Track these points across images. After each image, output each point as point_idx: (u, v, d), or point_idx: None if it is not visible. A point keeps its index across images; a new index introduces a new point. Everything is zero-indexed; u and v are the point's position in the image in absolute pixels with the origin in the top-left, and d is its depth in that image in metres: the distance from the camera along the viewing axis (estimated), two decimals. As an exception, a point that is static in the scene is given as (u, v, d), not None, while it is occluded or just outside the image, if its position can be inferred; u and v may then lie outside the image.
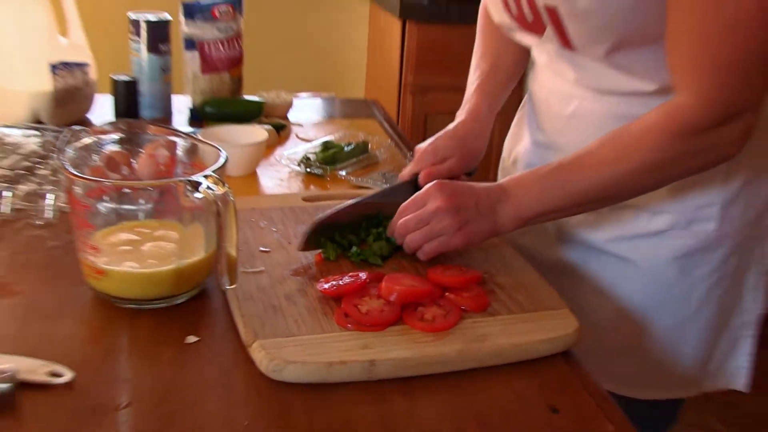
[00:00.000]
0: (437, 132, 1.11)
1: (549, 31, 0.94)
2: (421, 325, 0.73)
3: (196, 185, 0.71)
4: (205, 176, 0.72)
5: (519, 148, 1.19)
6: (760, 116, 0.91)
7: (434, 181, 0.91)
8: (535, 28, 0.96)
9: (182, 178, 0.73)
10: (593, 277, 1.08)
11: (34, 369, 0.64)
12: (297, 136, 1.43)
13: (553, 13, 0.90)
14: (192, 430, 0.60)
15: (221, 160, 0.77)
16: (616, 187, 0.90)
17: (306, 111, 1.61)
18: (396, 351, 0.69)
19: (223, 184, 0.72)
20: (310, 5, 2.84)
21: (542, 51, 1.06)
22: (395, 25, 2.29)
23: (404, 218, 0.89)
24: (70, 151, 0.79)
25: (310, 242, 0.87)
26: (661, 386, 1.08)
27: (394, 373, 0.69)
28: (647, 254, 1.03)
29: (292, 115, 1.55)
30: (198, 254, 0.78)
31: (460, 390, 0.69)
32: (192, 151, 0.88)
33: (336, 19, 2.86)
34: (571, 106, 1.04)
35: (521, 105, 1.23)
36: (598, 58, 0.93)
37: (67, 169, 0.72)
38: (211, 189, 0.71)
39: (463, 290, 0.80)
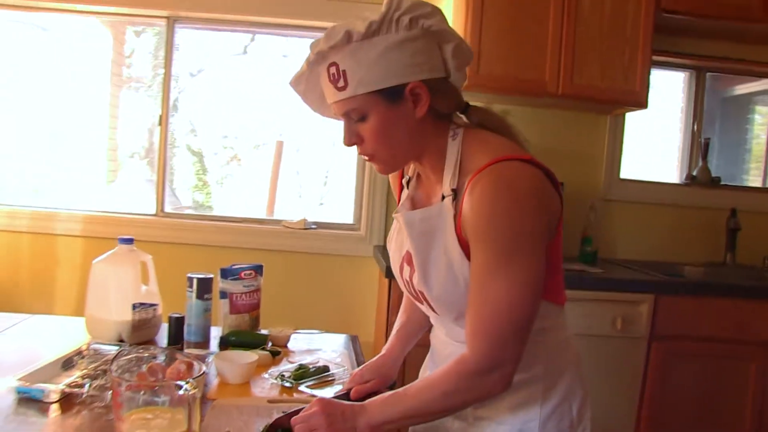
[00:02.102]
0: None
1: (424, 303, 1.25)
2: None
3: (179, 387, 1.07)
4: (186, 382, 1.07)
5: (425, 374, 1.44)
6: (560, 361, 1.21)
7: (318, 398, 1.16)
8: (418, 300, 1.25)
9: (172, 382, 1.09)
10: None
11: None
12: (288, 360, 1.66)
13: (422, 294, 1.20)
14: None
15: (200, 373, 1.12)
16: (426, 406, 1.11)
17: (301, 341, 1.83)
18: None
19: (195, 387, 1.07)
20: (332, 265, 3.19)
21: (429, 314, 1.29)
22: (385, 282, 2.62)
23: (298, 417, 1.12)
24: (120, 362, 1.16)
25: None
26: None
27: None
28: None
29: (293, 343, 1.80)
30: (179, 429, 1.07)
31: None
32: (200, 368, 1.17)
33: (352, 275, 3.22)
34: (446, 350, 1.29)
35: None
36: (452, 322, 1.21)
37: (111, 374, 1.10)
38: (187, 390, 1.06)
39: None
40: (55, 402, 1.28)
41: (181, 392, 1.06)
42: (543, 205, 1.09)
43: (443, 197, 1.14)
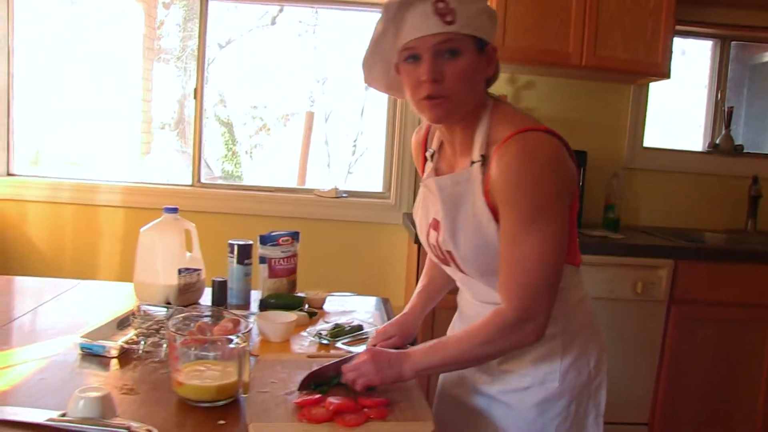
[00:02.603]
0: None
1: (453, 265, 1.33)
2: (341, 421, 1.11)
3: (230, 341, 1.17)
4: (236, 336, 1.18)
5: (453, 331, 1.52)
6: (578, 319, 1.29)
7: (367, 348, 1.28)
8: (445, 261, 1.34)
9: (224, 336, 1.19)
10: (490, 414, 1.34)
11: (140, 428, 1.06)
12: (324, 320, 1.74)
13: (450, 255, 1.29)
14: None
15: (248, 328, 1.22)
16: (466, 354, 1.21)
17: (336, 303, 1.91)
18: None
19: (245, 341, 1.17)
20: (363, 233, 3.28)
21: (455, 276, 1.38)
22: (414, 248, 2.69)
23: (349, 365, 1.24)
24: (175, 321, 1.27)
25: (305, 387, 1.23)
26: None
27: None
28: (519, 401, 1.29)
29: (328, 305, 1.89)
30: (231, 379, 1.19)
31: None
32: (246, 325, 1.27)
33: (383, 242, 3.30)
34: (472, 310, 1.39)
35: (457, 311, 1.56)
36: (479, 279, 1.29)
37: (169, 330, 1.20)
38: (237, 343, 1.16)
39: (373, 407, 1.15)
40: (115, 357, 1.40)
41: (231, 346, 1.15)
42: (563, 171, 1.17)
43: (472, 163, 1.22)
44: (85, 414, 1.06)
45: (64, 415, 1.07)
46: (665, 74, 2.88)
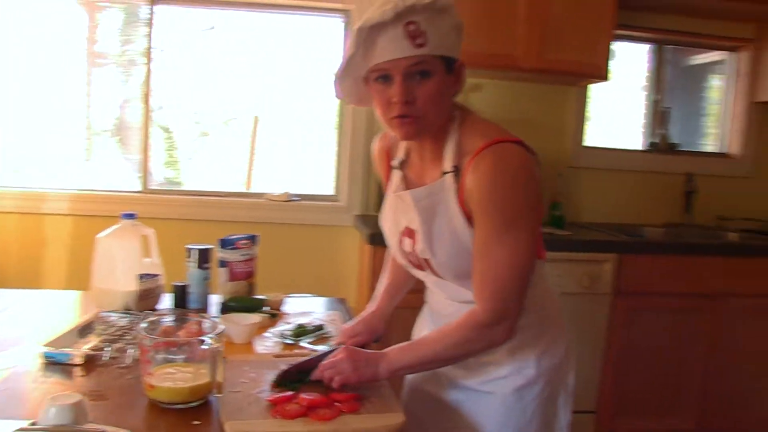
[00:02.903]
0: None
1: (428, 270, 1.37)
2: (314, 416, 1.13)
3: (202, 341, 1.18)
4: (209, 337, 1.19)
5: (422, 329, 1.57)
6: (548, 312, 1.34)
7: (344, 346, 1.30)
8: (420, 267, 1.38)
9: (196, 338, 1.20)
10: (469, 405, 1.39)
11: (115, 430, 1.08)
12: (284, 321, 1.74)
13: (427, 261, 1.33)
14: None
15: (220, 329, 1.24)
16: (440, 354, 1.26)
17: (295, 304, 1.95)
18: (296, 428, 1.10)
19: (218, 342, 1.18)
20: (315, 235, 3.31)
21: (427, 279, 1.42)
22: (368, 248, 2.72)
23: (326, 363, 1.26)
24: (144, 325, 1.27)
25: (279, 384, 1.25)
26: None
27: None
28: (500, 388, 1.36)
29: (287, 307, 1.90)
30: (203, 380, 1.20)
31: None
32: (211, 327, 1.28)
33: (335, 244, 3.34)
34: (446, 310, 1.42)
35: (421, 310, 1.62)
36: (455, 282, 1.34)
37: (141, 332, 1.21)
38: (209, 344, 1.17)
39: (345, 402, 1.18)
40: (80, 365, 1.38)
41: (204, 347, 1.17)
42: (533, 181, 1.22)
43: (443, 173, 1.27)
44: (57, 422, 1.05)
45: (34, 424, 1.06)
46: (604, 76, 3.01)
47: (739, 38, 3.56)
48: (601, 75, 2.99)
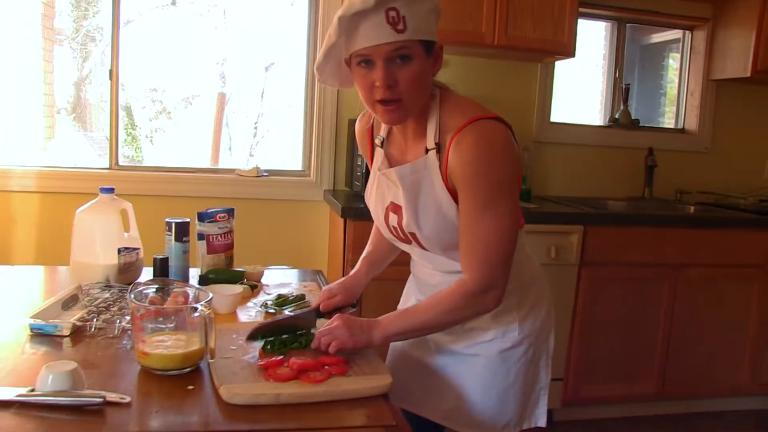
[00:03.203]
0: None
1: (414, 243, 1.42)
2: (306, 379, 1.18)
3: (195, 309, 1.20)
4: (201, 305, 1.21)
5: (409, 299, 1.63)
6: (528, 277, 1.40)
7: (338, 314, 1.34)
8: (407, 241, 1.42)
9: (189, 305, 1.23)
10: (455, 368, 1.45)
11: (114, 397, 1.09)
12: (265, 292, 1.79)
13: (414, 235, 1.37)
14: (185, 418, 1.06)
15: (209, 297, 1.26)
16: (432, 321, 1.31)
17: (273, 276, 2.00)
18: (290, 389, 1.14)
19: (209, 309, 1.21)
20: (286, 210, 3.33)
21: (413, 251, 1.48)
22: (341, 221, 2.76)
23: (322, 330, 1.31)
24: (132, 295, 1.29)
25: (252, 338, 1.32)
26: (493, 429, 1.45)
27: (288, 400, 1.12)
28: (485, 351, 1.43)
29: (265, 278, 1.94)
30: (195, 347, 1.22)
31: (323, 410, 1.12)
32: (197, 296, 1.33)
33: (306, 218, 3.36)
34: (433, 280, 1.48)
35: (408, 281, 1.67)
36: (441, 254, 1.39)
37: (133, 301, 1.23)
38: (203, 311, 1.20)
39: (334, 365, 1.23)
40: (67, 336, 1.39)
41: (196, 314, 1.19)
42: (513, 155, 1.28)
43: (426, 151, 1.31)
44: (55, 387, 1.07)
45: (32, 390, 1.08)
46: (571, 53, 3.08)
47: (696, 17, 3.66)
48: (567, 52, 3.06)
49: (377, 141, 1.46)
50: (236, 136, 3.72)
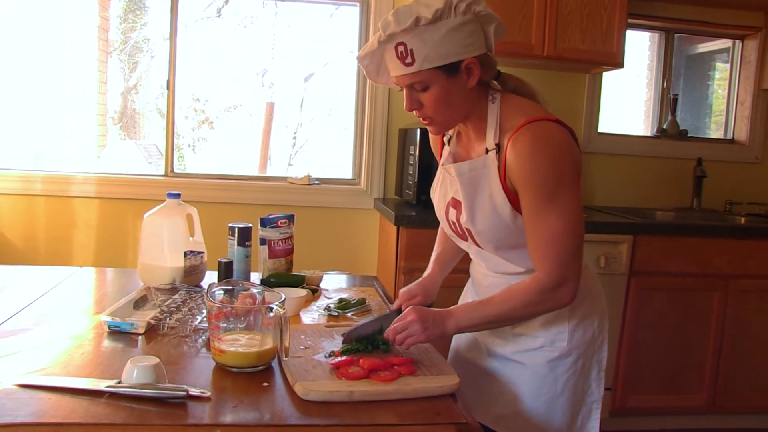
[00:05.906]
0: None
1: (470, 240, 1.44)
2: (376, 378, 1.20)
3: (270, 309, 1.24)
4: (276, 304, 1.24)
5: (466, 299, 1.65)
6: (582, 287, 1.39)
7: (411, 307, 1.35)
8: (463, 237, 1.45)
9: (265, 306, 1.26)
10: (504, 372, 1.46)
11: (195, 390, 1.13)
12: (324, 296, 1.84)
13: (468, 231, 1.40)
14: (262, 412, 1.10)
15: (283, 298, 1.29)
16: (506, 314, 1.32)
17: (331, 281, 2.04)
18: (362, 387, 1.17)
19: (284, 310, 1.24)
20: (336, 217, 3.38)
21: (470, 249, 1.49)
22: (393, 229, 2.79)
23: (395, 325, 1.32)
24: (210, 295, 1.32)
25: (347, 340, 1.34)
26: None
27: (361, 398, 1.14)
28: (532, 360, 1.42)
29: (324, 283, 1.98)
30: (268, 345, 1.25)
31: (394, 408, 1.13)
32: (263, 297, 1.35)
33: (356, 226, 3.40)
34: (486, 281, 1.50)
35: (466, 284, 1.69)
36: (493, 252, 1.40)
37: (211, 301, 1.26)
38: (278, 311, 1.23)
39: (402, 365, 1.25)
40: (142, 333, 1.44)
41: (272, 314, 1.23)
42: (572, 154, 1.29)
43: (487, 151, 1.33)
44: (140, 380, 1.12)
45: (119, 382, 1.13)
46: (619, 64, 3.07)
47: (748, 26, 3.61)
48: (616, 63, 3.05)
49: (445, 138, 1.50)
50: (275, 145, 3.78)
